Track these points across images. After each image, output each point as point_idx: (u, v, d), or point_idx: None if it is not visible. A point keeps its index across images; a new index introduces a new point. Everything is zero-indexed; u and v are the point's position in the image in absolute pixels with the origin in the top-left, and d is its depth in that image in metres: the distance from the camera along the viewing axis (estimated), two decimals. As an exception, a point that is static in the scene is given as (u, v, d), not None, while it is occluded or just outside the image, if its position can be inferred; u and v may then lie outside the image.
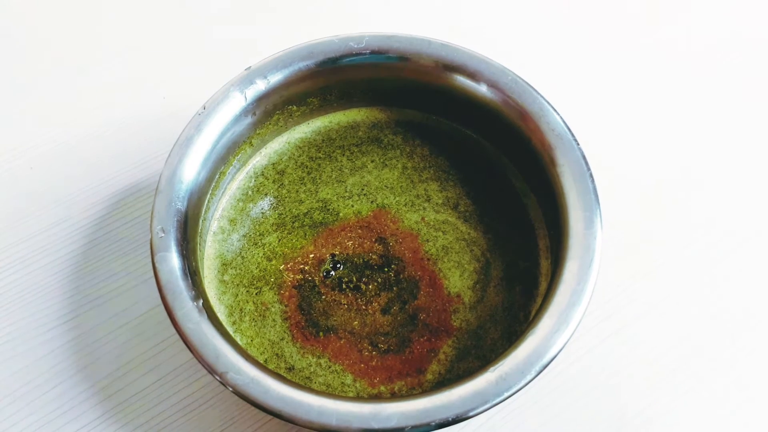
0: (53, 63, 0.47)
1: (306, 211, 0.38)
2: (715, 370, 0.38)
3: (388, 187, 0.38)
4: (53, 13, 0.50)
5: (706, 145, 0.45)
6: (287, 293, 0.35)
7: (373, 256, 0.36)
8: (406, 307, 0.35)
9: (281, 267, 0.36)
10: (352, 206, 0.38)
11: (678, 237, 0.41)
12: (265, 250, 0.36)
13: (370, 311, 0.35)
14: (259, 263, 0.36)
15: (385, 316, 0.35)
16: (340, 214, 0.37)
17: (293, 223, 0.37)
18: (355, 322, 0.35)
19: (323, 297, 0.35)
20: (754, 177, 0.44)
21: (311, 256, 0.36)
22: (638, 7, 0.51)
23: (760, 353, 0.38)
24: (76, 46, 0.48)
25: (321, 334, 0.34)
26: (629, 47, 0.49)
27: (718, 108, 0.46)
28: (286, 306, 0.35)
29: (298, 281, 0.36)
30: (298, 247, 0.37)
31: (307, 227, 0.37)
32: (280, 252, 0.36)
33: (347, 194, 0.38)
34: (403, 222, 0.37)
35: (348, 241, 0.37)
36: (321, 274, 0.36)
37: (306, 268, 0.36)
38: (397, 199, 0.38)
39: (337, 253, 0.36)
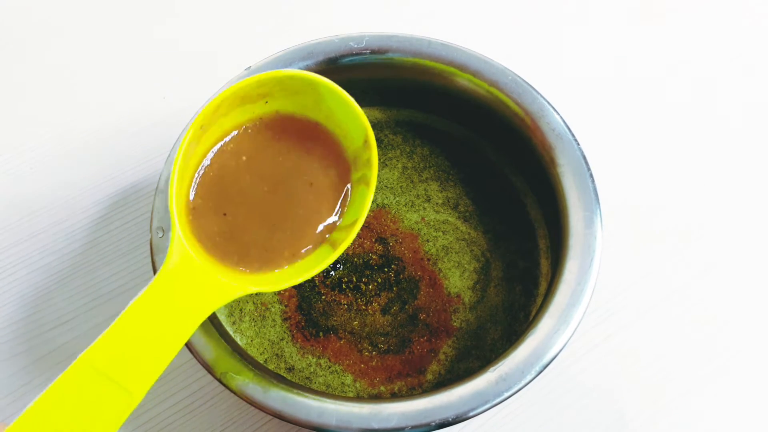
0: (53, 63, 0.47)
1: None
2: (715, 370, 0.38)
3: (388, 188, 0.38)
4: (53, 14, 0.50)
5: (707, 145, 0.45)
6: (287, 293, 0.35)
7: (373, 257, 0.36)
8: (406, 307, 0.35)
9: None
10: None
11: (678, 237, 0.41)
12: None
13: (370, 311, 0.35)
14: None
15: (385, 316, 0.35)
16: None
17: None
18: (355, 322, 0.35)
19: (323, 297, 0.35)
20: (754, 178, 0.44)
21: None
22: (639, 8, 0.51)
23: (758, 354, 0.38)
24: (75, 46, 0.48)
25: (321, 334, 0.34)
26: (630, 47, 0.49)
27: (719, 108, 0.46)
28: (285, 306, 0.35)
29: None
30: None
31: None
32: None
33: None
34: (403, 222, 0.37)
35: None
36: (320, 274, 0.36)
37: None
38: (397, 199, 0.38)
39: None
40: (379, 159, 0.39)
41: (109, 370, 0.24)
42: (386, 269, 0.36)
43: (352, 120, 0.31)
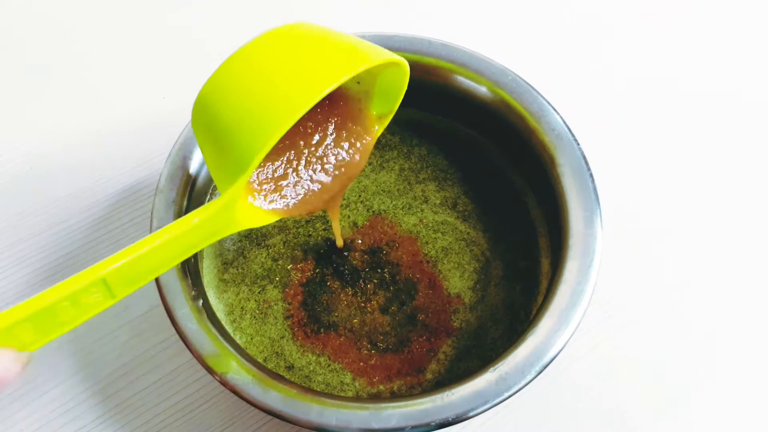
0: (53, 63, 0.47)
1: (308, 217, 0.37)
2: (715, 370, 0.38)
3: (385, 191, 0.38)
4: (53, 14, 0.50)
5: (707, 144, 0.45)
6: (292, 291, 0.35)
7: (371, 262, 0.36)
8: (404, 307, 0.35)
9: (289, 266, 0.36)
10: (349, 217, 0.38)
11: (679, 236, 0.41)
12: (270, 251, 0.36)
13: (369, 309, 0.35)
14: (263, 263, 0.36)
15: (384, 315, 0.35)
16: (340, 223, 0.37)
17: (297, 228, 0.37)
18: (355, 320, 0.35)
19: (326, 293, 0.35)
20: (755, 177, 0.44)
21: (315, 258, 0.36)
22: (638, 7, 0.51)
23: (759, 353, 0.38)
24: (75, 46, 0.48)
25: (321, 330, 0.34)
26: (629, 47, 0.49)
27: (720, 108, 0.46)
28: (289, 304, 0.35)
29: (305, 279, 0.36)
30: (304, 254, 0.37)
31: (309, 233, 0.37)
32: (287, 254, 0.36)
33: (345, 202, 0.38)
34: (400, 226, 0.37)
35: (348, 249, 0.37)
36: (320, 272, 0.36)
37: (311, 268, 0.36)
38: (394, 203, 0.38)
39: (338, 260, 0.36)
40: (377, 161, 0.39)
41: (112, 280, 0.24)
42: (379, 270, 0.36)
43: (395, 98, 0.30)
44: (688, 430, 0.36)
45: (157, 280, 0.31)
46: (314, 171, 0.30)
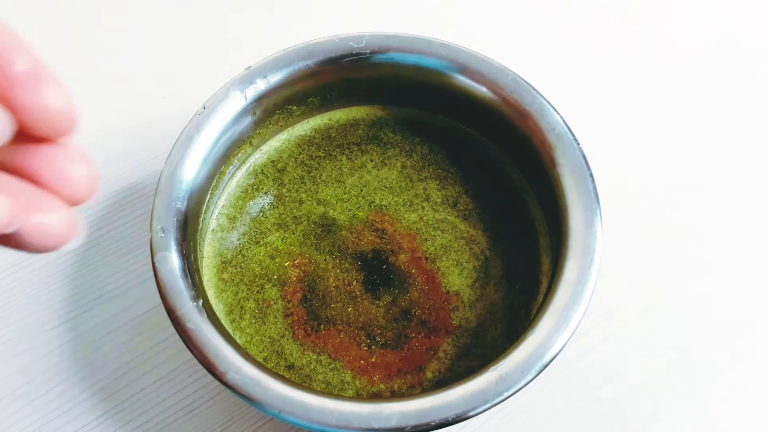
0: (52, 63, 0.47)
1: (307, 214, 0.38)
2: (715, 370, 0.38)
3: (387, 187, 0.38)
4: (52, 13, 0.50)
5: (706, 144, 0.45)
6: (291, 289, 0.35)
7: (369, 256, 0.36)
8: (398, 300, 0.35)
9: (286, 264, 0.36)
10: (350, 210, 0.38)
11: (678, 236, 0.41)
12: (268, 248, 0.36)
13: (357, 291, 0.35)
14: (261, 261, 0.36)
15: (377, 306, 0.35)
16: (339, 219, 0.37)
17: (296, 225, 0.37)
18: (350, 308, 0.35)
19: (323, 284, 0.35)
20: (755, 176, 0.44)
21: (313, 255, 0.36)
22: (638, 7, 0.51)
23: (759, 353, 0.38)
24: (75, 46, 0.48)
25: (321, 327, 0.34)
26: (629, 47, 0.49)
27: (718, 107, 0.46)
28: (288, 302, 0.35)
29: (302, 274, 0.36)
30: (301, 249, 0.37)
31: (308, 230, 0.37)
32: (284, 250, 0.36)
33: (346, 196, 0.38)
34: (401, 222, 0.37)
35: (346, 243, 0.37)
36: (317, 264, 0.36)
37: (308, 264, 0.36)
38: (396, 199, 0.38)
39: (336, 254, 0.37)
40: (379, 158, 0.39)
41: None
42: (377, 262, 0.36)
43: None
44: (689, 430, 0.36)
45: (157, 280, 0.31)
46: None
